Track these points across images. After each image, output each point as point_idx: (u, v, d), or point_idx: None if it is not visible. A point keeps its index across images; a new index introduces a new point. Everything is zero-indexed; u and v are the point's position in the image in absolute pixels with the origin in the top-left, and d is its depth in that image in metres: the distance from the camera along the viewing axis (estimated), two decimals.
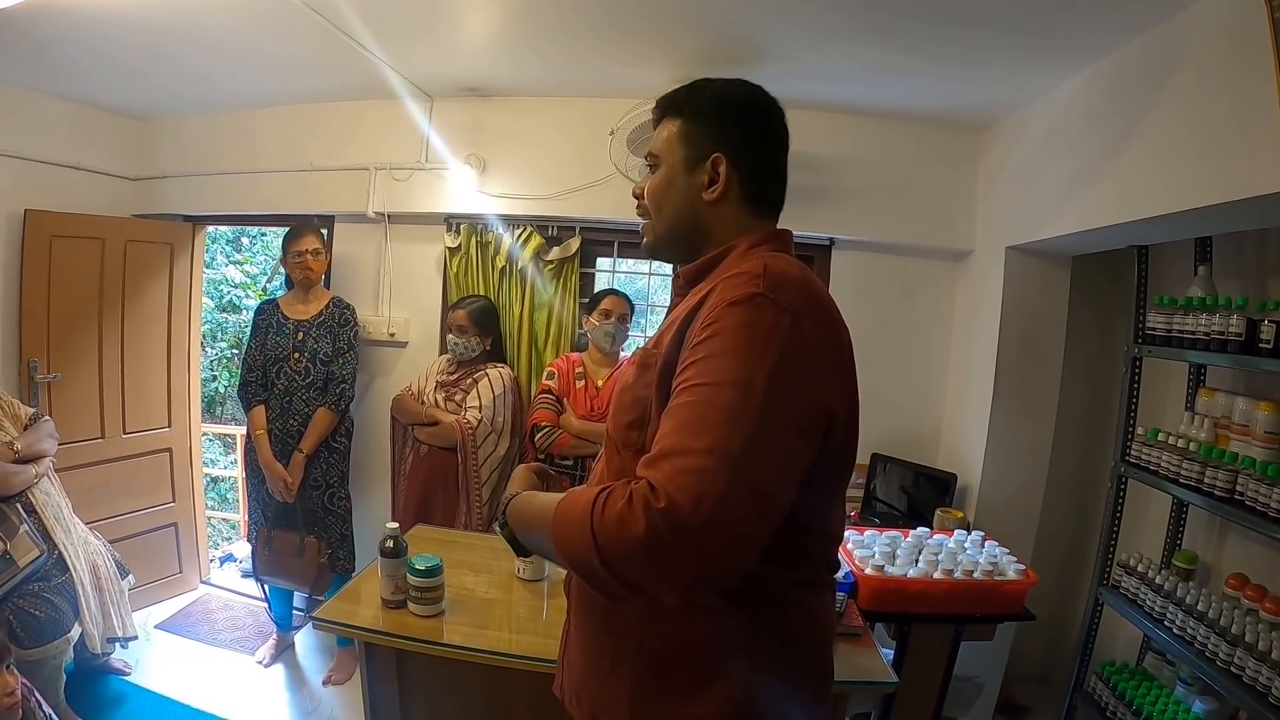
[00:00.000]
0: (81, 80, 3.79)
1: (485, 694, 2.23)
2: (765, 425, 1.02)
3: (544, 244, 3.90)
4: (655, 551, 0.96)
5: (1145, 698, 2.80)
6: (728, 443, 1.00)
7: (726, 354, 1.06)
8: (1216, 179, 2.16)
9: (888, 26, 2.69)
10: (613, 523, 0.99)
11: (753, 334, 1.07)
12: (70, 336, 4.06)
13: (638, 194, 1.46)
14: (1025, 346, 3.49)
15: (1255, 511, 2.28)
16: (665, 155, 1.39)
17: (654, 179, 1.41)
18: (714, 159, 1.33)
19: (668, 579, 1.00)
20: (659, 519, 0.95)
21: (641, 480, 1.01)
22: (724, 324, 1.09)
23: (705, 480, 0.97)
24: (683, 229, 1.39)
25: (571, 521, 1.05)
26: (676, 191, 1.38)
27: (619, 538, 0.98)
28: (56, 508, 3.21)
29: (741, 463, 0.99)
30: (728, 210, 1.36)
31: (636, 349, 1.48)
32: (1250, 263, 2.88)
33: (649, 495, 0.98)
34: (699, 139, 1.35)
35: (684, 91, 1.41)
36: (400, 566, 2.18)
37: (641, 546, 0.96)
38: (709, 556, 0.99)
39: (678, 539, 0.96)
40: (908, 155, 3.73)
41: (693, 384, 1.07)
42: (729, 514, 0.98)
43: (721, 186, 1.33)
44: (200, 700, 3.48)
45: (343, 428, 3.79)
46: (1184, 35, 2.33)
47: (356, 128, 4.09)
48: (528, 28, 3.02)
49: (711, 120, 1.36)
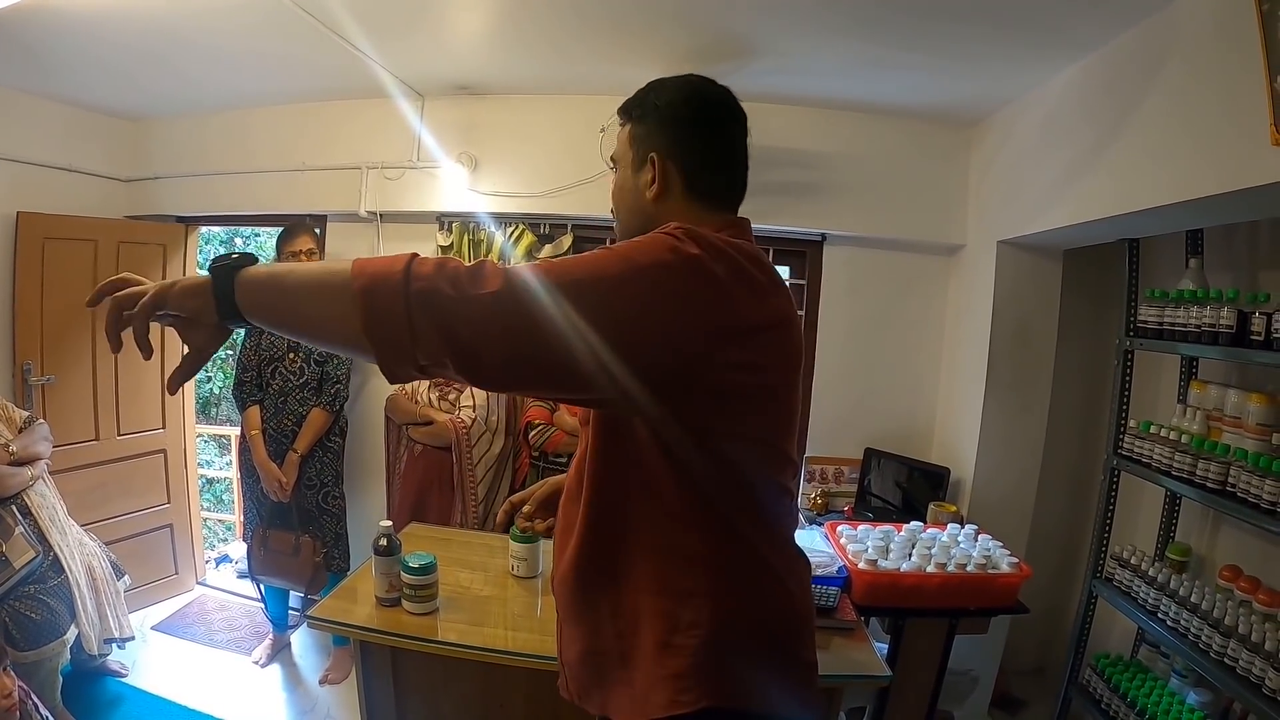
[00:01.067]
0: (73, 81, 3.78)
1: (481, 691, 2.23)
2: (613, 286, 1.07)
3: (536, 242, 3.90)
4: (465, 284, 1.03)
5: (1139, 690, 2.81)
6: (577, 273, 1.07)
7: (622, 248, 1.13)
8: (1207, 171, 2.16)
9: (879, 21, 2.70)
10: (435, 261, 1.06)
11: (647, 243, 1.13)
12: (64, 338, 4.05)
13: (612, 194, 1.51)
14: (1017, 340, 3.50)
15: (1247, 503, 2.29)
16: (621, 158, 1.45)
17: (615, 181, 1.47)
18: (651, 157, 1.37)
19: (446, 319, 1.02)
20: (487, 268, 1.05)
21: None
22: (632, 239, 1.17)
23: (539, 274, 1.05)
24: (633, 227, 1.40)
25: (383, 259, 1.06)
26: (628, 192, 1.43)
27: (438, 270, 1.04)
28: (52, 510, 3.20)
29: (573, 287, 1.05)
30: (673, 205, 1.38)
31: None
32: (1241, 255, 2.89)
33: (484, 260, 1.08)
34: (642, 139, 1.40)
35: (637, 95, 1.45)
36: (394, 565, 2.18)
37: (458, 274, 1.04)
38: (489, 323, 1.03)
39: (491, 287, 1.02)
40: (899, 150, 3.74)
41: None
42: (530, 305, 1.03)
43: (659, 184, 1.37)
44: (197, 701, 3.47)
45: (337, 427, 3.79)
46: (1173, 28, 2.34)
47: (348, 127, 4.09)
48: (519, 25, 3.02)
49: (653, 120, 1.40)
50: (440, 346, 1.03)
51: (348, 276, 1.04)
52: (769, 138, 3.51)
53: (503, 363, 1.05)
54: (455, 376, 1.07)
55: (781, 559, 1.33)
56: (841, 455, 3.93)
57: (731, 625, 1.25)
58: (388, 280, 1.03)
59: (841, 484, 3.96)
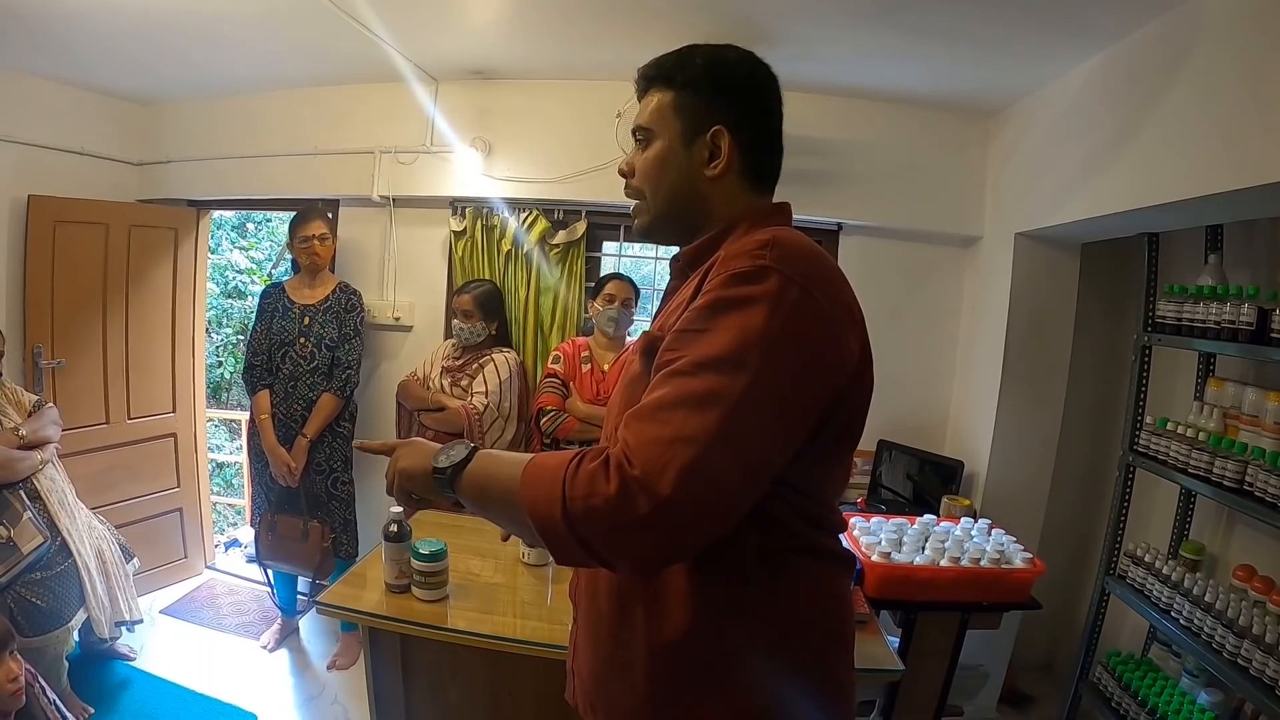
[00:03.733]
0: (85, 65, 3.77)
1: (489, 679, 2.23)
2: (749, 407, 1.00)
3: (550, 228, 3.88)
4: (620, 513, 0.96)
5: (1150, 688, 2.79)
6: (707, 421, 0.97)
7: (723, 328, 1.03)
8: (1232, 165, 2.13)
9: (900, 9, 2.67)
10: (584, 479, 0.98)
11: (752, 309, 1.03)
12: (74, 322, 4.05)
13: (626, 171, 1.37)
14: (1033, 334, 3.47)
15: (1264, 503, 2.27)
16: (659, 129, 1.30)
17: (648, 155, 1.32)
18: (714, 132, 1.26)
19: (627, 545, 0.99)
20: (627, 481, 0.95)
21: (619, 444, 1.00)
22: (725, 294, 1.06)
23: (680, 450, 0.96)
24: (682, 208, 1.31)
25: (544, 475, 1.03)
26: (674, 168, 1.29)
27: (588, 493, 0.97)
28: (61, 494, 3.21)
29: (719, 441, 0.97)
30: (729, 185, 1.29)
31: (641, 334, 1.40)
32: (1262, 251, 2.86)
33: (623, 457, 0.97)
34: (695, 111, 1.27)
35: (673, 59, 1.31)
36: (404, 551, 2.18)
37: (608, 506, 0.96)
38: (672, 525, 0.97)
39: (643, 505, 0.95)
40: (917, 140, 3.70)
41: (684, 354, 1.05)
42: (699, 486, 0.96)
43: (724, 161, 1.26)
44: (205, 685, 3.48)
45: (347, 412, 3.79)
46: (1199, 19, 2.31)
47: (361, 111, 4.08)
48: (534, 9, 3.00)
49: (708, 90, 1.28)
50: (636, 568, 1.07)
51: (519, 503, 1.05)
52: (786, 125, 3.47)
53: (695, 547, 1.04)
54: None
55: (831, 576, 1.27)
56: None
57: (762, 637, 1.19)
58: (553, 528, 1.01)
59: (854, 476, 3.93)
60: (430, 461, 1.20)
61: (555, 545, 1.02)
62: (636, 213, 1.37)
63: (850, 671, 1.31)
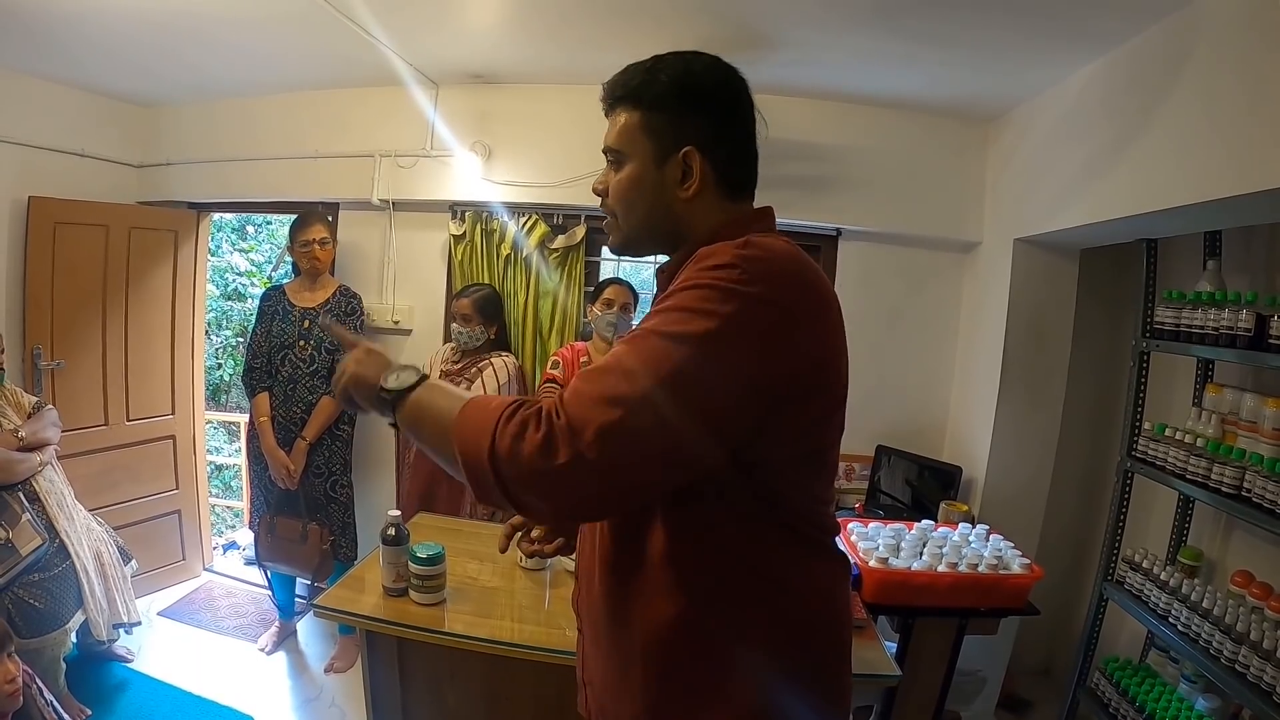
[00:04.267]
0: (86, 67, 3.78)
1: (486, 683, 2.23)
2: (681, 382, 1.01)
3: (549, 232, 3.89)
4: (540, 459, 0.98)
5: (1148, 694, 2.79)
6: (635, 386, 1.00)
7: (673, 308, 1.06)
8: (1231, 170, 2.14)
9: (899, 14, 2.67)
10: (517, 423, 1.01)
11: (713, 291, 1.05)
12: (74, 323, 4.06)
13: (601, 191, 1.35)
14: (1032, 339, 3.47)
15: (1262, 508, 2.27)
16: (630, 150, 1.28)
17: (620, 177, 1.30)
18: (686, 153, 1.23)
19: (542, 490, 1.01)
20: (552, 431, 0.98)
21: (559, 397, 1.03)
22: (690, 280, 1.08)
23: (611, 411, 0.98)
24: (659, 226, 1.30)
25: (481, 413, 1.06)
26: (647, 189, 1.27)
27: (516, 435, 1.00)
28: (60, 496, 3.21)
29: (641, 407, 0.99)
30: (705, 201, 1.27)
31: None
32: (1260, 257, 2.86)
33: (555, 408, 1.00)
34: (665, 131, 1.25)
35: (639, 77, 1.28)
36: (402, 554, 2.18)
37: (532, 451, 0.98)
38: (591, 481, 1.00)
39: (563, 455, 0.97)
40: (916, 145, 3.71)
41: (644, 330, 1.08)
42: (622, 450, 0.99)
43: (697, 181, 1.24)
44: (202, 687, 3.48)
45: (346, 415, 3.79)
46: (1199, 23, 2.31)
47: (361, 115, 4.08)
48: (534, 14, 3.01)
49: (676, 109, 1.25)
50: (543, 515, 1.13)
51: (450, 437, 1.08)
52: (785, 130, 3.49)
53: (604, 508, 1.11)
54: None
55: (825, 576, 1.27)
56: (852, 452, 3.91)
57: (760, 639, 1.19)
58: (478, 464, 1.03)
59: (852, 481, 3.94)
60: (380, 378, 1.22)
61: (476, 481, 1.05)
62: (609, 229, 1.37)
63: (848, 674, 1.31)
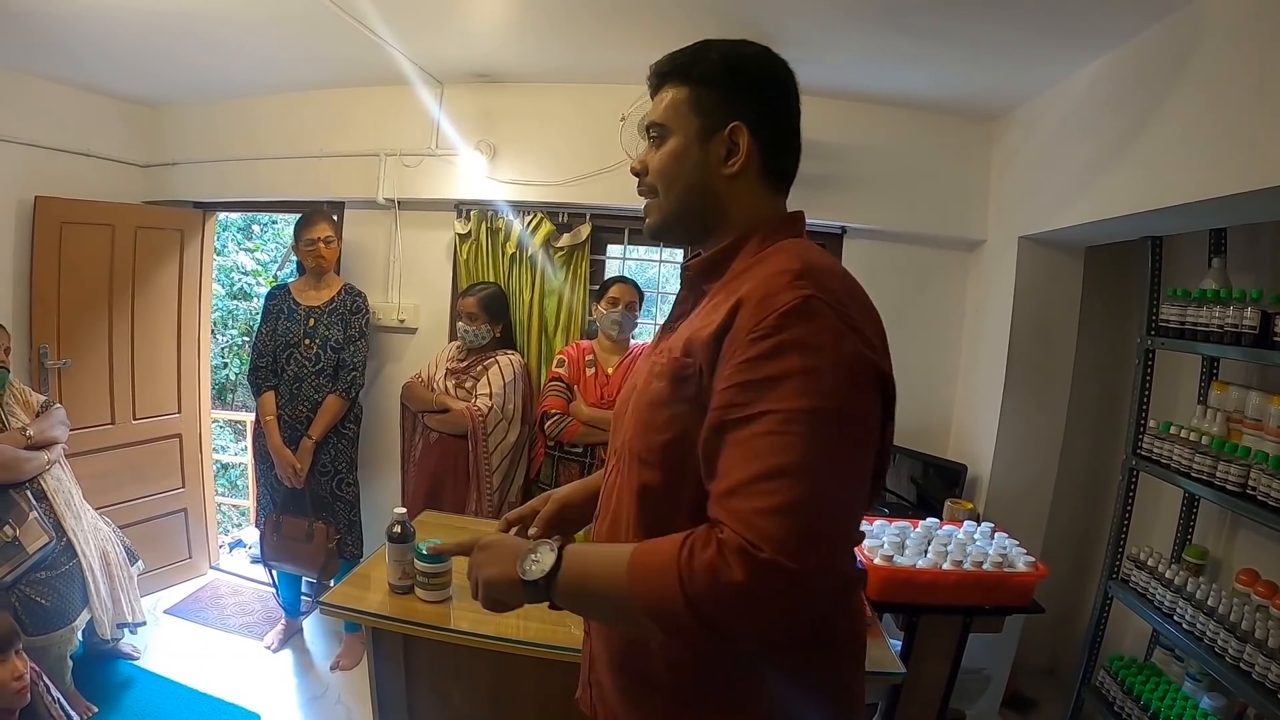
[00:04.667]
0: (91, 67, 3.79)
1: (491, 680, 2.23)
2: (845, 452, 1.02)
3: (554, 231, 3.89)
4: (757, 597, 0.95)
5: (1153, 693, 2.78)
6: (817, 479, 0.98)
7: (795, 374, 1.00)
8: (1237, 167, 2.13)
9: (904, 12, 2.68)
10: (705, 572, 0.96)
11: (817, 350, 1.01)
12: (80, 323, 4.07)
13: (639, 170, 1.33)
14: (1037, 337, 3.47)
15: (1267, 507, 2.26)
16: (675, 125, 1.26)
17: (662, 152, 1.28)
18: (733, 128, 1.22)
19: (765, 623, 0.99)
20: (759, 566, 0.93)
21: (726, 526, 0.98)
22: (783, 338, 1.02)
23: (799, 520, 0.95)
24: (696, 206, 1.28)
25: (655, 573, 1.01)
26: (690, 165, 1.25)
27: (714, 585, 0.95)
28: (67, 494, 3.22)
29: (830, 497, 0.98)
30: (745, 185, 1.26)
31: (659, 349, 1.31)
32: (1265, 255, 2.85)
33: (743, 542, 0.95)
34: (713, 107, 1.24)
35: (688, 54, 1.28)
36: (407, 552, 2.18)
37: (744, 593, 0.94)
38: (807, 597, 0.98)
39: (780, 583, 0.94)
40: (920, 143, 3.71)
41: (756, 409, 1.01)
42: (825, 551, 0.97)
43: (742, 158, 1.23)
44: (208, 685, 3.49)
45: (352, 414, 3.80)
46: (1204, 20, 2.31)
47: (366, 114, 4.09)
48: (538, 13, 3.01)
49: (725, 85, 1.24)
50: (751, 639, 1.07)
51: (630, 604, 1.04)
52: None
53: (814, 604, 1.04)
54: None
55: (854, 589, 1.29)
56: None
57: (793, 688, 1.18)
58: (677, 621, 1.00)
59: None
60: (516, 571, 1.15)
61: (674, 630, 1.03)
62: (648, 212, 1.34)
63: (861, 683, 1.31)
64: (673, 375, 1.17)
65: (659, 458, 1.18)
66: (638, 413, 1.24)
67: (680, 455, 1.14)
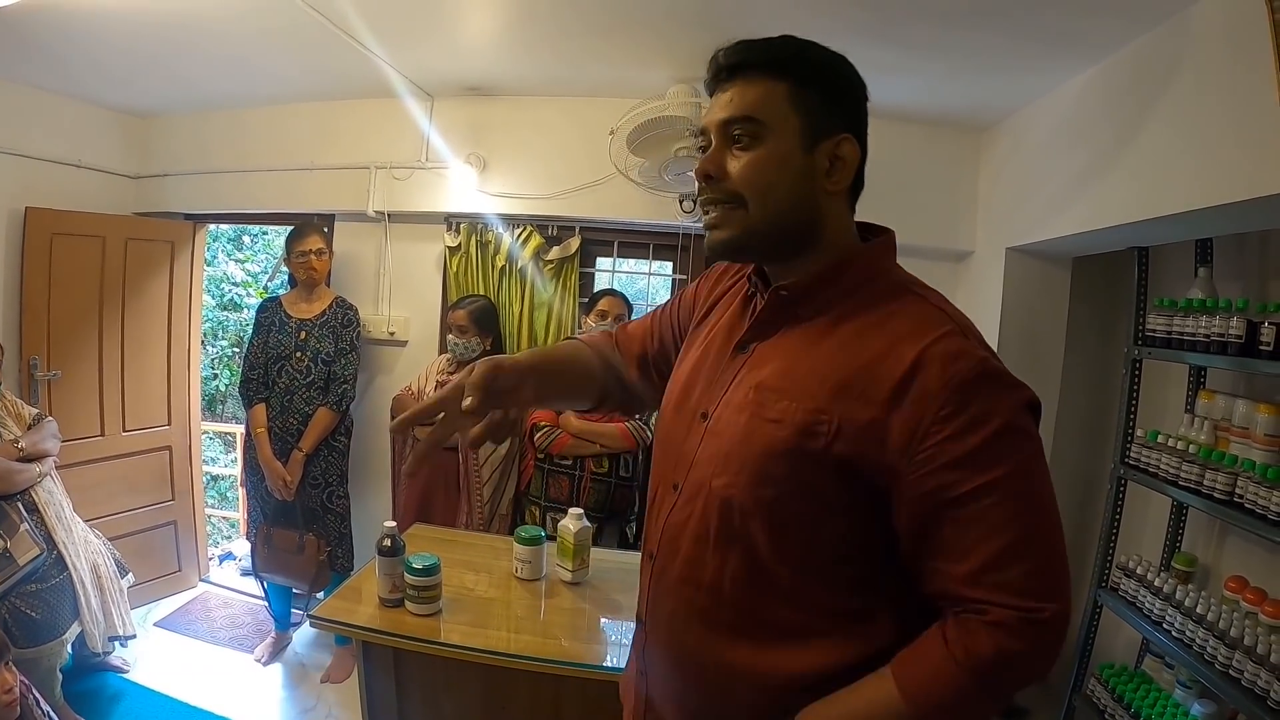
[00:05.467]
0: (83, 78, 3.79)
1: (482, 693, 2.22)
2: (1049, 487, 1.07)
3: (544, 243, 3.90)
4: (1041, 656, 1.02)
5: (1144, 700, 2.79)
6: (1047, 527, 1.05)
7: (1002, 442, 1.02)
8: (1224, 178, 2.14)
9: (892, 25, 2.69)
10: (993, 661, 0.99)
11: (1008, 410, 1.04)
12: (71, 334, 4.06)
13: (713, 173, 1.14)
14: (1025, 347, 3.48)
15: (1255, 514, 2.27)
16: (773, 123, 1.10)
17: (758, 154, 1.11)
18: (842, 140, 1.13)
19: (1047, 670, 1.04)
20: (1043, 627, 0.99)
21: (992, 605, 1.00)
22: (979, 410, 1.02)
23: (1053, 567, 1.03)
24: (795, 224, 1.14)
25: (934, 688, 1.02)
26: (793, 174, 1.11)
27: (1007, 668, 1.01)
28: (59, 507, 3.21)
29: (1059, 535, 1.06)
30: (839, 205, 1.18)
31: (753, 379, 1.17)
32: (1251, 264, 2.87)
33: (1021, 614, 0.99)
34: (822, 111, 1.11)
35: (780, 47, 1.14)
36: (397, 565, 2.17)
37: (1028, 657, 1.00)
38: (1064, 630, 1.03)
39: (1060, 630, 1.01)
40: (909, 155, 3.71)
41: (984, 484, 1.00)
42: (1068, 579, 1.06)
43: (849, 176, 1.15)
44: (198, 698, 3.48)
45: (342, 426, 3.80)
46: (1185, 35, 2.33)
47: (357, 127, 4.10)
48: (529, 27, 3.02)
49: (834, 91, 1.14)
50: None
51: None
52: None
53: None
54: None
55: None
56: None
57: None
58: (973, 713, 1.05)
59: None
60: None
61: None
62: (722, 224, 1.16)
63: None
64: (801, 428, 1.08)
65: (768, 509, 1.11)
66: (744, 456, 1.13)
67: (794, 503, 1.10)
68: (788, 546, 1.11)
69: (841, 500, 1.08)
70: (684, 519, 1.20)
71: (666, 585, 1.24)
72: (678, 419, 1.28)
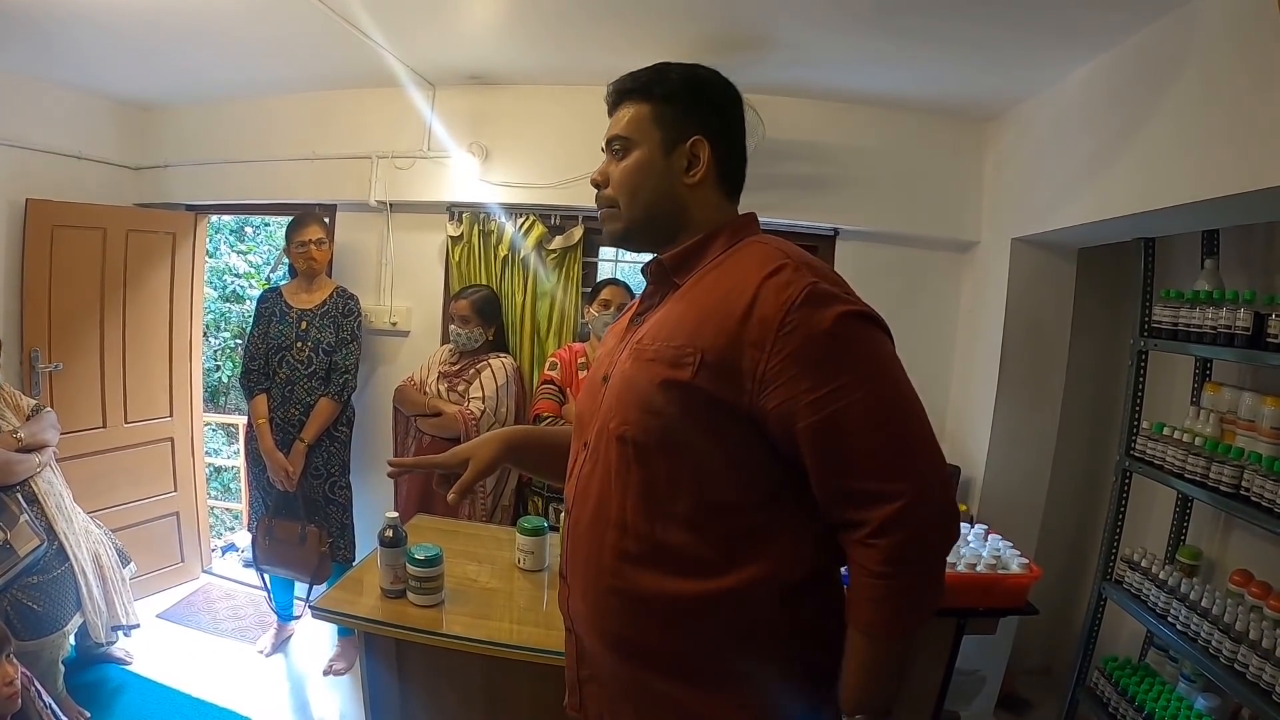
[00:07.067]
0: (83, 68, 3.77)
1: (485, 684, 2.22)
2: (907, 387, 1.23)
3: (546, 233, 3.89)
4: (932, 529, 1.18)
5: (1148, 693, 2.79)
6: (925, 435, 1.21)
7: (865, 375, 1.19)
8: (1231, 169, 2.14)
9: (896, 13, 2.67)
10: (886, 559, 1.16)
11: (866, 342, 1.23)
12: (72, 326, 4.05)
13: (600, 181, 1.45)
14: (1030, 339, 3.47)
15: (1260, 507, 2.26)
16: (639, 138, 1.39)
17: (626, 164, 1.40)
18: (694, 141, 1.36)
19: (946, 534, 1.22)
20: (907, 516, 1.14)
21: (857, 524, 1.18)
22: (840, 344, 1.19)
23: (905, 468, 1.16)
24: (661, 214, 1.40)
25: (880, 610, 1.19)
26: (655, 175, 1.38)
27: (901, 560, 1.16)
28: (59, 498, 3.20)
29: (923, 422, 1.22)
30: (705, 193, 1.40)
31: (637, 338, 1.41)
32: (1258, 256, 2.85)
33: (887, 518, 1.15)
34: (675, 121, 1.37)
35: (648, 74, 1.41)
36: (399, 556, 2.17)
37: (922, 538, 1.17)
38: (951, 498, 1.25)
39: (929, 514, 1.17)
40: (914, 145, 3.71)
41: (853, 403, 1.17)
42: (924, 473, 1.19)
43: (702, 169, 1.37)
44: (201, 690, 3.48)
45: (344, 417, 3.79)
46: (1192, 26, 2.31)
47: (359, 116, 4.08)
48: (531, 15, 3.01)
49: (685, 103, 1.38)
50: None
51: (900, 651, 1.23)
52: (781, 130, 3.48)
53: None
54: None
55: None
56: None
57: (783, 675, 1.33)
58: (928, 600, 1.22)
59: None
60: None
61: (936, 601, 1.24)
62: (608, 220, 1.46)
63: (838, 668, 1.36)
64: (670, 360, 1.27)
65: (657, 439, 1.28)
66: (630, 397, 1.33)
67: (679, 433, 1.26)
68: (681, 477, 1.27)
69: (723, 432, 1.25)
70: (591, 469, 1.38)
71: (580, 532, 1.40)
72: (588, 393, 1.49)
